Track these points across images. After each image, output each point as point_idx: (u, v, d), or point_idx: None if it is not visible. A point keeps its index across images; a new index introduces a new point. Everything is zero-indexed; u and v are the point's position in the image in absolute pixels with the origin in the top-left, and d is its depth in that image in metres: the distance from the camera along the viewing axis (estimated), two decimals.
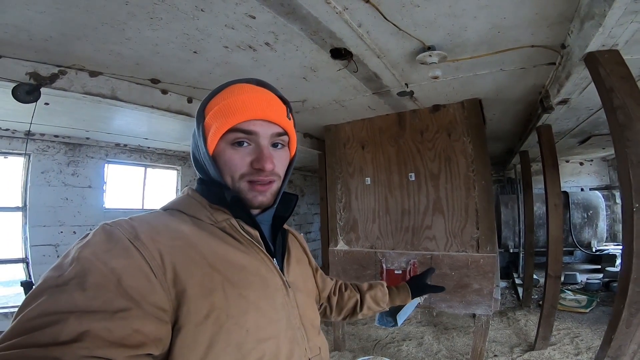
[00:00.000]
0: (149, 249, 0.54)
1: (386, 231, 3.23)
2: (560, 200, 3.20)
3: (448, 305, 2.79)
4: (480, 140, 2.96)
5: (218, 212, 0.67)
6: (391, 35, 1.81)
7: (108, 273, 0.49)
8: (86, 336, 0.43)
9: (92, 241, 0.53)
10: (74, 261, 0.50)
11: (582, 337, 3.34)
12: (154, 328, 0.49)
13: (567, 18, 1.65)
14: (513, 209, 5.50)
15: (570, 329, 3.57)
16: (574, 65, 1.89)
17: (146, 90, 2.46)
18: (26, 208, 3.46)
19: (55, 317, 0.43)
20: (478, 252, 2.78)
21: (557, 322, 3.58)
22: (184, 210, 0.67)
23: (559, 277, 3.05)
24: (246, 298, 0.61)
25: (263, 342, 0.61)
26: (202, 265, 0.58)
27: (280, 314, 0.66)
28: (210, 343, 0.55)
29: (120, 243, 0.53)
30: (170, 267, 0.54)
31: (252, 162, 0.66)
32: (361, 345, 3.50)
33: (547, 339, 3.13)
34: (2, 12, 1.45)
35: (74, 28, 1.62)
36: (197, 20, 1.60)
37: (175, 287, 0.54)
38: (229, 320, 0.57)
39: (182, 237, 0.60)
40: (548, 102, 2.59)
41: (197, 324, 0.54)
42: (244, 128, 0.65)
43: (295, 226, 7.61)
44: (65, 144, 3.79)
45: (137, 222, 0.59)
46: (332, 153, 3.62)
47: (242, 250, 0.65)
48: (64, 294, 0.46)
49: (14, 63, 1.90)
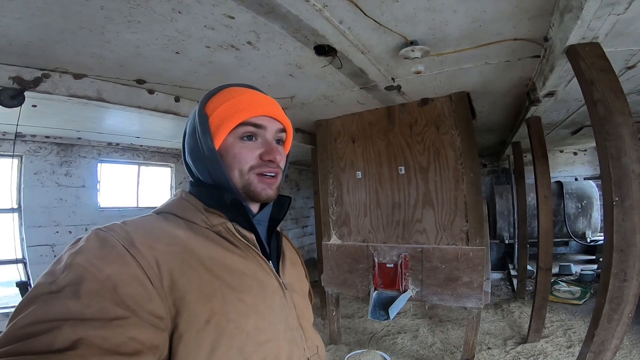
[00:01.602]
0: (145, 256, 0.53)
1: (377, 225, 3.26)
2: (550, 191, 3.22)
3: (439, 299, 2.82)
4: (468, 133, 2.96)
5: (213, 216, 0.66)
6: (373, 31, 1.80)
7: (103, 280, 0.48)
8: (81, 344, 0.42)
9: (85, 247, 0.52)
10: (67, 268, 0.49)
11: (575, 330, 3.37)
12: (150, 336, 0.49)
13: (548, 11, 1.64)
14: (508, 200, 5.50)
15: (563, 321, 3.60)
16: (556, 58, 1.89)
17: (132, 91, 2.46)
18: (21, 209, 3.47)
19: (49, 324, 0.43)
20: (468, 245, 2.80)
21: (550, 314, 3.63)
22: (178, 214, 0.66)
23: (549, 269, 3.08)
24: (245, 302, 0.61)
25: (264, 345, 0.61)
26: (200, 270, 0.58)
27: (279, 316, 0.67)
28: (212, 348, 0.55)
29: (115, 250, 0.52)
30: (167, 274, 0.54)
31: (262, 155, 0.69)
32: (357, 339, 3.56)
33: (540, 331, 3.17)
34: None
35: (52, 33, 1.61)
36: (175, 22, 1.59)
37: (172, 294, 0.53)
38: (229, 324, 0.57)
39: (178, 242, 0.59)
40: (535, 95, 2.58)
41: (198, 330, 0.54)
42: (255, 122, 0.69)
43: (291, 220, 7.64)
44: (57, 144, 3.80)
45: (131, 228, 0.58)
46: (324, 148, 3.63)
47: (239, 254, 0.65)
48: (57, 301, 0.45)
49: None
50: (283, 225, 3.62)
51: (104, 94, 2.31)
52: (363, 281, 3.18)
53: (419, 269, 2.93)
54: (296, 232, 7.81)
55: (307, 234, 8.09)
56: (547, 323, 3.39)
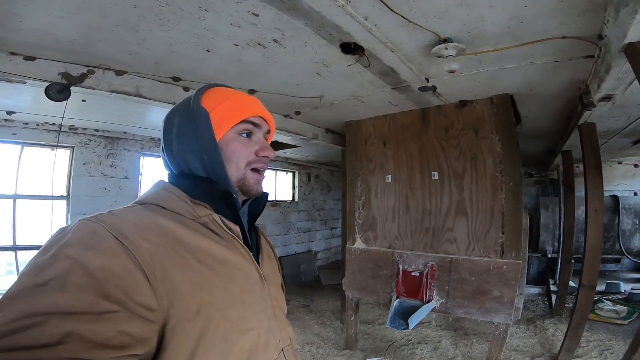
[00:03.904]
0: (138, 246, 0.53)
1: (405, 231, 3.13)
2: (602, 205, 2.91)
3: (465, 312, 2.65)
4: (510, 138, 2.76)
5: (199, 207, 0.66)
6: (402, 27, 1.72)
7: (92, 272, 0.47)
8: (70, 338, 0.42)
9: (73, 238, 0.51)
10: (54, 259, 0.48)
11: (613, 350, 3.07)
12: (139, 328, 0.48)
13: (600, 6, 1.47)
14: (554, 212, 5.09)
15: (601, 341, 3.30)
16: (613, 57, 1.69)
17: (168, 88, 2.56)
18: (69, 197, 3.77)
19: (36, 318, 0.42)
20: (502, 258, 2.62)
21: (588, 332, 3.38)
22: (163, 205, 0.65)
23: (593, 287, 2.80)
24: (231, 291, 0.63)
25: (246, 333, 0.63)
26: (190, 261, 0.59)
27: (260, 305, 0.69)
28: (199, 336, 0.56)
29: (105, 241, 0.51)
30: (159, 264, 0.54)
31: (257, 151, 0.74)
32: (374, 346, 3.45)
33: (573, 350, 2.90)
34: (28, 19, 1.57)
35: (93, 30, 1.72)
36: (203, 20, 1.63)
37: (165, 285, 0.53)
38: (217, 313, 0.58)
39: (167, 233, 0.59)
40: (588, 99, 2.34)
41: (188, 320, 0.55)
42: (253, 121, 0.75)
43: (320, 222, 7.63)
44: (105, 137, 4.08)
45: (121, 218, 0.57)
46: (353, 149, 3.56)
47: (224, 245, 0.66)
48: (43, 295, 0.44)
49: (47, 64, 2.05)
50: (313, 225, 3.66)
51: (142, 90, 2.43)
52: (385, 288, 3.08)
53: (445, 280, 2.78)
54: (324, 234, 7.79)
55: (335, 236, 8.05)
56: (582, 342, 3.11)
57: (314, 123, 3.85)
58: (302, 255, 6.82)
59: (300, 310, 4.62)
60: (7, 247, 3.49)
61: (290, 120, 3.55)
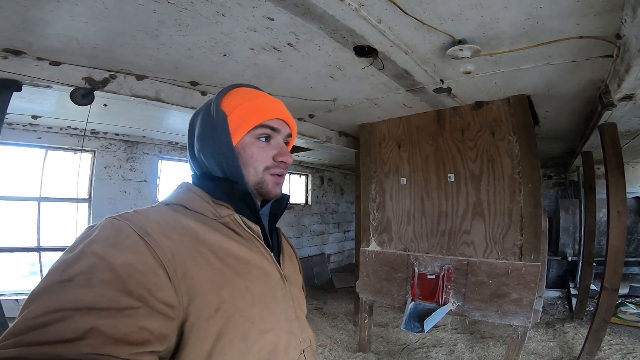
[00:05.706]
0: (160, 244, 0.54)
1: (421, 234, 3.11)
2: (625, 207, 2.82)
3: (482, 315, 2.61)
4: (528, 139, 2.71)
5: (221, 208, 0.67)
6: (416, 30, 1.73)
7: (116, 269, 0.48)
8: (91, 333, 0.43)
9: (99, 235, 0.53)
10: (80, 256, 0.49)
11: (636, 354, 2.98)
12: (159, 325, 0.49)
13: (617, 5, 1.44)
14: (574, 215, 4.97)
15: (624, 344, 3.22)
16: (633, 56, 1.65)
17: (187, 92, 2.63)
18: (91, 199, 3.90)
19: (60, 314, 0.43)
20: (520, 261, 2.57)
21: (610, 336, 3.31)
22: (187, 206, 0.67)
23: (616, 290, 2.72)
24: (252, 291, 0.63)
25: (266, 334, 0.63)
26: (211, 259, 0.59)
27: (280, 306, 0.69)
28: (218, 335, 0.56)
29: (129, 238, 0.53)
30: (181, 262, 0.55)
31: (275, 156, 0.73)
32: (388, 349, 3.42)
33: (594, 354, 2.82)
34: (53, 24, 1.64)
35: (115, 35, 1.78)
36: (220, 25, 1.67)
37: (185, 282, 0.54)
38: (236, 312, 0.59)
39: (189, 232, 0.60)
40: (608, 99, 2.29)
41: (208, 318, 0.55)
42: (272, 125, 0.74)
43: (333, 224, 7.63)
44: (125, 141, 4.20)
45: (145, 217, 0.58)
46: (367, 152, 3.56)
47: (245, 245, 0.66)
48: (69, 290, 0.46)
49: (72, 69, 2.14)
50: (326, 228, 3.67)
51: (162, 94, 2.50)
52: (400, 290, 3.05)
53: (462, 283, 2.74)
54: (337, 237, 7.78)
55: (349, 239, 8.03)
56: (604, 346, 3.03)
57: (327, 126, 3.87)
58: (315, 258, 6.84)
59: (313, 312, 4.63)
60: (32, 248, 3.64)
61: (304, 123, 3.58)
